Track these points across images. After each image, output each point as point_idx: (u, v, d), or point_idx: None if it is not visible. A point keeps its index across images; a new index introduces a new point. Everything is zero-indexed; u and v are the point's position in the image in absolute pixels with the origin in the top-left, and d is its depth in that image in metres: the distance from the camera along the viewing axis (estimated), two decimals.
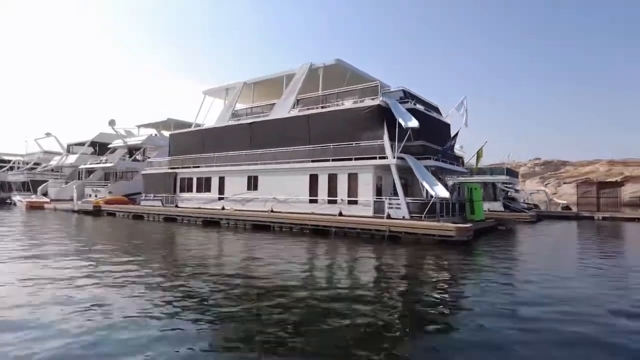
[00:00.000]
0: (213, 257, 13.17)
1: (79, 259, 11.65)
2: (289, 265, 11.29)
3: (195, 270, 10.43)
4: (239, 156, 26.51)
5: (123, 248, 14.59)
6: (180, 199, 30.04)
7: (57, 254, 12.55)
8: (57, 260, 11.36)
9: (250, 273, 10.24)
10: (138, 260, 11.80)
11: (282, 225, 20.81)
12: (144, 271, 10.09)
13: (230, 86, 28.43)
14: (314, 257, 13.64)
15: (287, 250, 14.72)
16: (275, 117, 24.89)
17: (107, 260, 11.76)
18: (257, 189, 25.29)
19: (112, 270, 10.08)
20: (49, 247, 13.97)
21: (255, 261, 12.32)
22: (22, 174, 53.38)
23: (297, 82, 24.25)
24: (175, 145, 31.90)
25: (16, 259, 11.48)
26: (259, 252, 14.29)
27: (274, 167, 24.38)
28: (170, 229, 21.85)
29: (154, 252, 13.90)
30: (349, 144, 21.46)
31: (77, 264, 10.85)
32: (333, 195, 21.81)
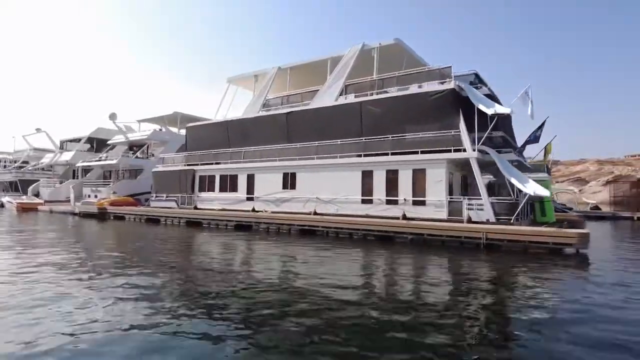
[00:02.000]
0: (288, 278, 9.91)
1: (116, 286, 8.28)
2: (377, 292, 8.13)
3: (288, 307, 7.19)
4: (273, 151, 23.19)
5: (163, 266, 11.21)
6: (200, 200, 26.54)
7: (79, 282, 9.14)
8: (88, 300, 7.98)
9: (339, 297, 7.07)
10: (203, 286, 8.50)
11: (334, 230, 17.60)
12: (216, 301, 6.84)
13: (260, 72, 25.08)
14: (404, 274, 10.47)
15: (354, 263, 11.68)
16: (319, 106, 21.65)
17: (161, 286, 8.42)
18: (294, 187, 22.02)
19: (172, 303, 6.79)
20: (66, 270, 10.52)
21: (331, 279, 9.12)
22: (10, 173, 48.94)
23: (347, 66, 21.07)
24: (193, 139, 28.37)
25: (28, 281, 8.08)
26: (328, 266, 11.09)
27: (317, 162, 21.15)
28: (200, 236, 18.45)
29: (210, 268, 10.58)
30: (414, 135, 18.37)
31: (117, 292, 7.52)
32: (393, 195, 18.70)
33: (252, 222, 20.69)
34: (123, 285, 8.17)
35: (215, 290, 7.86)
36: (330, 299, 7.36)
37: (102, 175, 42.00)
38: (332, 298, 7.41)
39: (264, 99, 24.40)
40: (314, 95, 22.36)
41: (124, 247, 14.72)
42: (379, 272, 10.71)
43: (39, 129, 49.89)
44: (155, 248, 14.69)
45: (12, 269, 9.73)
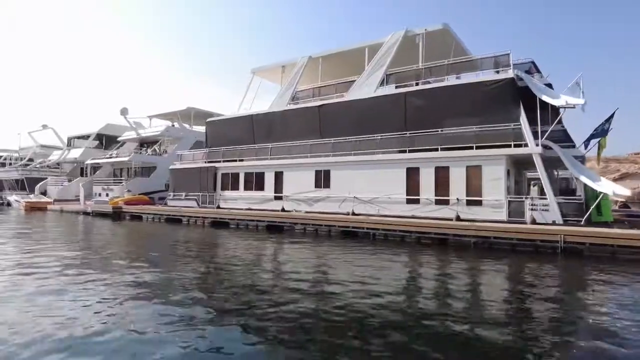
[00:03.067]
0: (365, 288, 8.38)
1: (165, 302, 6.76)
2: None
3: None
4: (304, 147, 21.67)
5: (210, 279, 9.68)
6: (223, 199, 25.03)
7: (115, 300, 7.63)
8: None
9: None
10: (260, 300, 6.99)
11: (383, 232, 16.06)
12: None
13: (288, 63, 23.50)
14: (483, 283, 8.93)
15: (423, 270, 10.12)
16: (356, 98, 20.09)
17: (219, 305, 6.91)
18: (329, 186, 20.50)
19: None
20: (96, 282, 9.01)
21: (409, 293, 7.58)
22: (16, 171, 47.33)
23: (388, 54, 19.51)
24: (214, 135, 26.83)
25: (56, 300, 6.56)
26: (391, 274, 9.57)
27: (354, 159, 19.64)
28: (231, 238, 16.91)
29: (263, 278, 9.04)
30: (468, 129, 16.84)
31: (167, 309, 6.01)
32: (443, 194, 17.19)
33: (286, 222, 19.16)
34: (171, 302, 6.67)
35: (268, 303, 6.37)
36: (392, 312, 5.85)
37: (112, 173, 40.47)
38: (394, 311, 5.91)
39: (293, 91, 22.83)
40: (349, 86, 20.81)
41: (156, 251, 13.17)
42: (454, 281, 9.19)
43: (46, 125, 48.34)
44: (189, 252, 13.17)
45: (34, 282, 8.22)
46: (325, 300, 7.26)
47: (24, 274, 9.09)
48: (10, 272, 9.24)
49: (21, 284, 8.14)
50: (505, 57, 16.81)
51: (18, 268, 9.75)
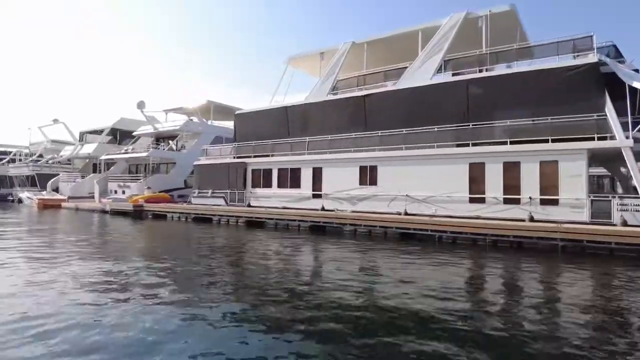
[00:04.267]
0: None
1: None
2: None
3: None
4: (347, 140, 19.99)
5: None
6: (254, 197, 23.38)
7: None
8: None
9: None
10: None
11: (452, 235, 14.41)
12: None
13: (327, 50, 21.78)
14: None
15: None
16: (409, 86, 18.37)
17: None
18: (375, 183, 18.82)
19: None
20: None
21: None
22: (27, 167, 45.81)
23: (446, 37, 17.77)
24: (244, 128, 25.16)
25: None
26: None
27: (406, 154, 17.95)
28: (276, 240, 15.27)
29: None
30: (543, 121, 15.12)
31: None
32: (513, 192, 15.47)
33: (332, 223, 17.51)
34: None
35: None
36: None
37: (127, 169, 38.87)
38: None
39: (334, 80, 21.09)
40: (399, 74, 19.07)
41: (204, 262, 11.52)
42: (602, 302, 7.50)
43: (56, 120, 46.72)
44: (240, 260, 11.52)
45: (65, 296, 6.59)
46: (425, 332, 5.59)
47: (69, 288, 7.46)
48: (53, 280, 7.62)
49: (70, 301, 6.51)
50: (585, 41, 15.05)
51: (62, 281, 8.12)
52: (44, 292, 7.23)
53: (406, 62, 18.97)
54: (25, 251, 11.97)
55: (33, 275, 8.64)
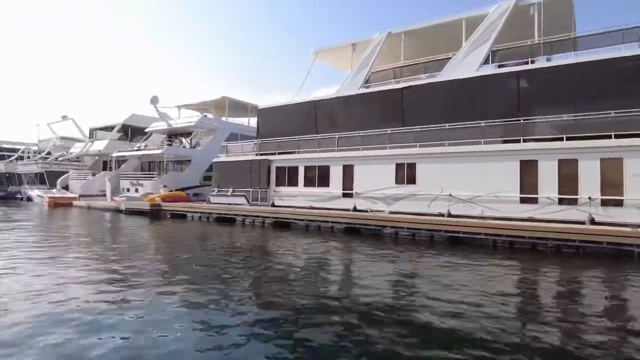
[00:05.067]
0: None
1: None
2: None
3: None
4: (382, 136, 18.85)
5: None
6: (278, 196, 22.27)
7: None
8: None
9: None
10: None
11: (511, 239, 13.25)
12: None
13: (360, 41, 20.58)
14: None
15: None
16: (452, 78, 17.19)
17: None
18: (414, 182, 17.66)
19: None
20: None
21: None
22: (36, 164, 44.85)
23: (493, 27, 16.57)
24: (268, 123, 24.02)
25: None
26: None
27: (449, 150, 16.78)
28: (313, 244, 14.14)
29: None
30: (604, 114, 13.92)
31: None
32: (569, 192, 14.30)
33: (369, 224, 16.38)
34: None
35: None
36: None
37: (139, 167, 37.86)
38: None
39: (368, 73, 19.90)
40: (441, 65, 17.87)
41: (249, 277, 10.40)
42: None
43: (65, 116, 45.75)
44: (279, 267, 10.40)
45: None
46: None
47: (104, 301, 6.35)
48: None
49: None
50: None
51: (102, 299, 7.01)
52: (74, 295, 6.13)
53: (448, 53, 17.77)
54: (49, 258, 10.88)
55: (60, 287, 7.56)
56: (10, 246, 12.20)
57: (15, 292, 6.92)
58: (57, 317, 5.68)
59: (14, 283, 7.60)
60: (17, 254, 10.84)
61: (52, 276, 8.27)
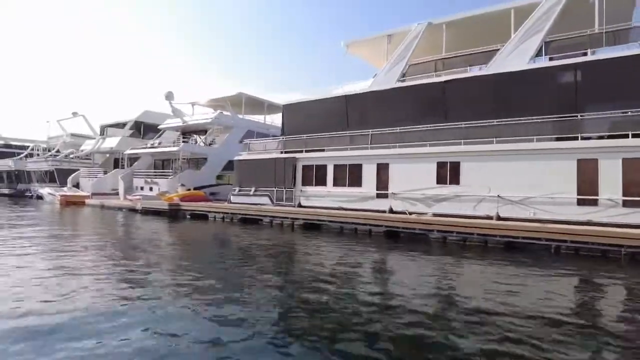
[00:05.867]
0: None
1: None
2: None
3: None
4: (421, 132, 17.68)
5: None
6: (304, 196, 21.15)
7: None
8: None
9: None
10: None
11: (577, 244, 12.07)
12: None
13: (396, 32, 19.39)
14: None
15: None
16: (501, 71, 16.00)
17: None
18: (458, 182, 16.50)
19: None
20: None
21: None
22: (46, 162, 43.91)
23: (547, 16, 15.36)
24: (294, 120, 22.89)
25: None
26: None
27: (498, 148, 15.59)
28: (354, 249, 13.01)
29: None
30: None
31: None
32: (636, 194, 13.08)
33: (412, 228, 15.22)
34: None
35: None
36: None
37: (152, 165, 36.83)
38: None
39: (405, 65, 18.71)
40: (488, 57, 16.68)
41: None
42: None
43: (76, 113, 44.81)
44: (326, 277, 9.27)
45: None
46: None
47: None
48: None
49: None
50: None
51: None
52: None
53: (496, 45, 16.58)
54: (75, 268, 9.80)
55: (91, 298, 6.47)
56: (33, 253, 11.14)
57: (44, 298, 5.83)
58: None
59: (40, 292, 6.52)
60: (38, 260, 9.78)
61: (82, 289, 7.19)
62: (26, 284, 7.41)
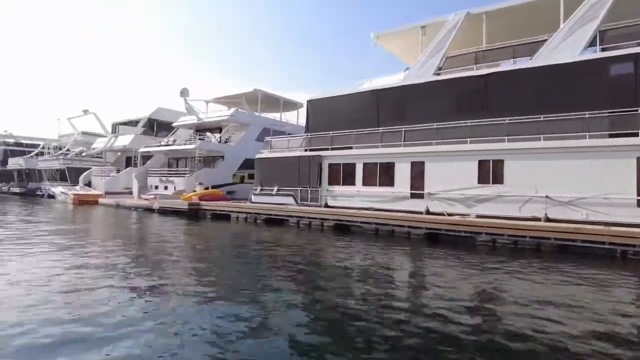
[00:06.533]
0: None
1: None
2: None
3: None
4: (460, 129, 16.68)
5: None
6: (331, 195, 20.22)
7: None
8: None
9: None
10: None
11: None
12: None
13: (431, 23, 18.39)
14: None
15: None
16: (550, 63, 14.96)
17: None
18: (501, 181, 15.50)
19: None
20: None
21: None
22: (57, 160, 43.28)
23: (602, 3, 14.30)
24: (319, 116, 21.96)
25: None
26: None
27: (545, 145, 14.58)
28: (399, 252, 12.07)
29: None
30: None
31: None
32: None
33: (459, 230, 14.23)
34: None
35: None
36: None
37: (166, 163, 36.05)
38: None
39: (442, 58, 17.70)
40: (534, 48, 15.64)
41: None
42: None
43: (87, 111, 44.12)
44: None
45: None
46: None
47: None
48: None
49: None
50: None
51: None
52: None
53: (543, 35, 15.54)
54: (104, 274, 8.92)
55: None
56: (55, 260, 10.29)
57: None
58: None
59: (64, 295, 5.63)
60: (61, 267, 8.91)
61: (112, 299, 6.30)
62: (63, 289, 6.54)
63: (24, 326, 5.05)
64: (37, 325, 5.09)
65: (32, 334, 4.84)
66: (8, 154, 54.29)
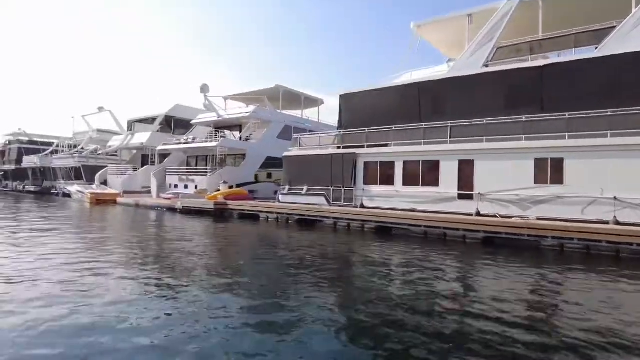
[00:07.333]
0: None
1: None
2: None
3: None
4: (514, 125, 15.52)
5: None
6: (368, 196, 19.13)
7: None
8: None
9: None
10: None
11: None
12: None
13: (479, 11, 17.24)
14: None
15: None
16: (619, 52, 13.74)
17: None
18: (561, 181, 14.32)
19: None
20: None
21: None
22: (72, 158, 42.57)
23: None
24: (353, 111, 20.87)
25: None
26: None
27: (612, 142, 13.40)
28: (459, 259, 10.97)
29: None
30: None
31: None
32: None
33: (523, 234, 13.09)
34: None
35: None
36: None
37: (185, 162, 35.16)
38: None
39: (493, 48, 16.52)
40: (599, 37, 14.43)
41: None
42: None
43: (102, 108, 43.46)
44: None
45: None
46: None
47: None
48: None
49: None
50: None
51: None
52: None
53: (611, 22, 14.32)
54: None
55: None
56: (88, 268, 9.34)
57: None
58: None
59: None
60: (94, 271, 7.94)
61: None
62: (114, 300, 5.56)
63: (67, 318, 5.46)
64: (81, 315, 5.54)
65: (74, 320, 5.40)
66: (22, 152, 53.81)
